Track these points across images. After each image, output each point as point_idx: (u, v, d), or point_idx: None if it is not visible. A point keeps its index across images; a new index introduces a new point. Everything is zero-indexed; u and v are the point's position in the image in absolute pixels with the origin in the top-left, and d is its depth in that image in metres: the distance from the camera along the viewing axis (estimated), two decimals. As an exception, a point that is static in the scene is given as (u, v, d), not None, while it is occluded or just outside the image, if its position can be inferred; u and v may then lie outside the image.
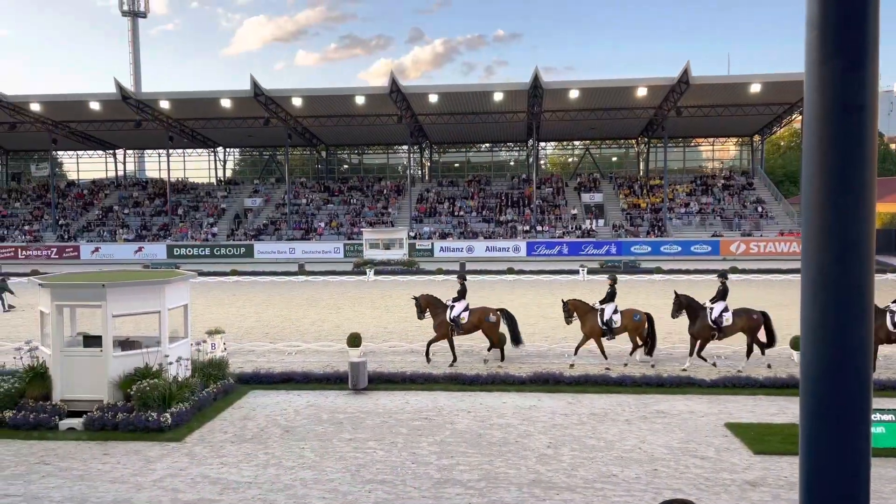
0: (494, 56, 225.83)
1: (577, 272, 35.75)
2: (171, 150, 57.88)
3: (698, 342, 15.27)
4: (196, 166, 68.89)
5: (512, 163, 69.88)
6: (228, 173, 69.07)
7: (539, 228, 52.17)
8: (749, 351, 15.24)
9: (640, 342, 15.77)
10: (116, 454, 10.12)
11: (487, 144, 67.83)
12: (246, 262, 47.82)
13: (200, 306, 24.22)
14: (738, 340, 15.65)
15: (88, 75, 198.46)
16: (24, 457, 10.05)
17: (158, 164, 68.18)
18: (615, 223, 52.51)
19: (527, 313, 23.58)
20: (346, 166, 70.42)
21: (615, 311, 15.70)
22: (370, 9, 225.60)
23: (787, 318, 22.03)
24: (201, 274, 35.67)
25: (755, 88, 46.19)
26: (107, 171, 68.45)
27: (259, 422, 11.64)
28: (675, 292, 16.08)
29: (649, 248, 48.39)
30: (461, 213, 55.64)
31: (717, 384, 13.31)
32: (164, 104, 50.70)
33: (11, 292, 26.61)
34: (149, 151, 69.90)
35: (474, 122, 54.25)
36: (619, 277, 34.42)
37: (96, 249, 52.07)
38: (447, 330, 15.87)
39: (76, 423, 11.20)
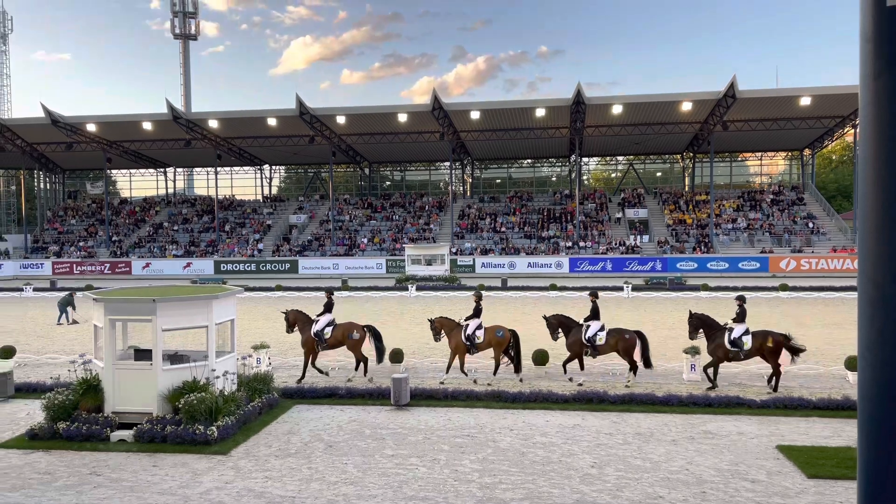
0: (537, 72, 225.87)
1: (621, 289, 35.27)
2: (218, 168, 59.33)
3: (574, 358, 15.65)
4: (243, 184, 70.43)
5: (554, 178, 69.58)
6: (274, 190, 70.38)
7: (582, 244, 51.72)
8: (631, 368, 15.32)
9: (505, 358, 15.70)
10: (165, 466, 10.32)
11: (529, 160, 67.71)
12: (290, 278, 48.56)
13: (246, 321, 24.65)
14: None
15: (141, 96, 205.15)
16: (76, 468, 10.31)
17: (207, 182, 69.95)
18: (660, 239, 51.73)
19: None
20: (388, 183, 71.09)
21: (479, 327, 15.69)
22: (414, 28, 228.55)
23: (842, 337, 21.34)
24: (247, 289, 36.34)
25: (805, 101, 45.17)
26: (157, 188, 70.49)
27: (303, 436, 11.74)
28: (544, 316, 16.32)
29: (695, 265, 47.51)
30: (503, 228, 55.55)
31: (767, 405, 12.93)
32: (213, 123, 52.05)
33: (74, 308, 27.46)
34: (198, 169, 71.76)
35: (516, 137, 54.27)
36: (665, 294, 34.01)
37: (147, 265, 53.51)
38: (312, 346, 15.85)
39: (127, 434, 11.46)
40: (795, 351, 14.59)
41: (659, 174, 68.53)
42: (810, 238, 50.00)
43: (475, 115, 49.40)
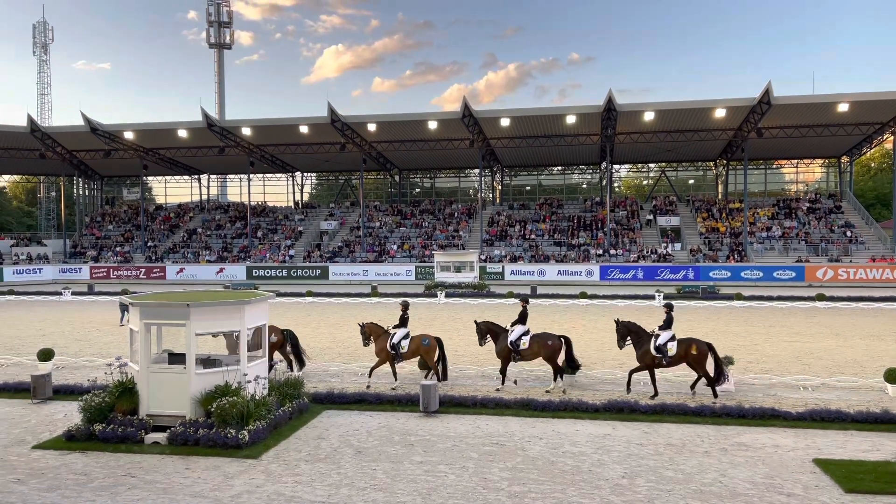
0: (568, 79, 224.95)
1: (652, 297, 34.86)
2: (251, 175, 60.14)
3: (505, 363, 15.83)
4: (275, 190, 71.31)
5: (584, 185, 69.16)
6: (305, 197, 71.11)
7: (613, 252, 51.27)
8: (555, 374, 15.66)
9: (434, 367, 15.94)
10: (197, 469, 10.45)
11: (559, 167, 67.41)
12: (321, 284, 48.96)
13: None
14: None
15: (177, 105, 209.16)
16: (111, 469, 10.50)
17: (240, 189, 70.92)
18: (693, 247, 51.05)
19: (599, 339, 23.15)
20: (418, 190, 71.35)
21: (405, 336, 15.93)
22: (445, 36, 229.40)
23: (881, 349, 20.81)
24: (279, 294, 36.74)
25: (843, 108, 44.28)
26: (192, 195, 71.69)
27: (332, 442, 11.80)
28: (475, 321, 16.58)
29: (729, 274, 46.79)
30: (532, 236, 55.35)
31: (803, 417, 12.65)
32: (246, 131, 52.81)
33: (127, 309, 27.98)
34: (231, 176, 72.85)
35: (546, 144, 54.10)
36: (698, 303, 33.52)
37: (181, 270, 54.40)
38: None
39: (160, 437, 11.64)
40: (719, 362, 14.66)
41: (691, 181, 67.70)
42: (848, 247, 48.91)
43: (505, 122, 49.38)
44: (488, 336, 16.18)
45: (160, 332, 13.83)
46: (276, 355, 17.14)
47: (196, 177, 70.13)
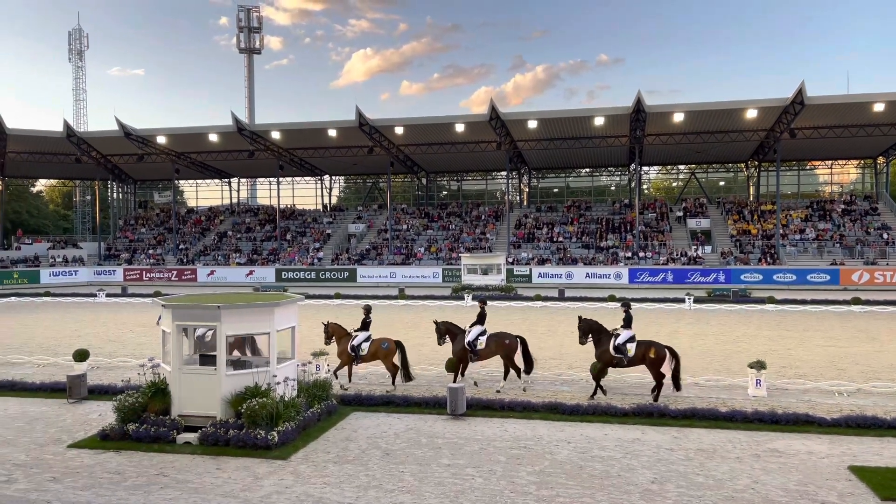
0: (597, 81, 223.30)
1: (682, 300, 34.45)
2: (280, 179, 60.77)
3: (461, 363, 16.07)
4: (304, 193, 72.10)
5: (613, 187, 68.63)
6: (334, 200, 71.63)
7: (642, 255, 50.78)
8: (505, 373, 16.04)
9: (394, 369, 16.17)
10: (228, 469, 10.58)
11: (587, 169, 66.97)
12: (349, 286, 49.27)
13: (306, 328, 25.05)
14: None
15: (208, 109, 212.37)
16: (144, 468, 10.69)
17: (269, 192, 71.69)
18: (723, 250, 50.34)
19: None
20: (445, 192, 71.44)
21: (366, 339, 16.17)
22: (473, 39, 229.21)
23: (919, 353, 20.29)
24: (307, 297, 37.03)
25: (879, 108, 43.33)
26: (222, 198, 72.68)
27: (360, 443, 11.86)
28: (434, 321, 16.79)
29: (761, 277, 46.04)
30: (560, 238, 55.06)
31: (838, 423, 12.40)
32: (276, 135, 53.39)
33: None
34: (260, 179, 73.68)
35: (574, 146, 53.80)
36: (729, 307, 33.05)
37: (211, 272, 55.14)
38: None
39: (192, 437, 11.81)
40: (678, 369, 14.60)
41: (722, 183, 66.78)
42: (885, 250, 47.80)
43: (532, 124, 49.24)
44: (447, 336, 16.40)
45: (191, 333, 14.03)
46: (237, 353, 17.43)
47: (226, 180, 71.06)
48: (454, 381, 15.76)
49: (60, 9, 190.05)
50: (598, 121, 48.11)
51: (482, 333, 15.96)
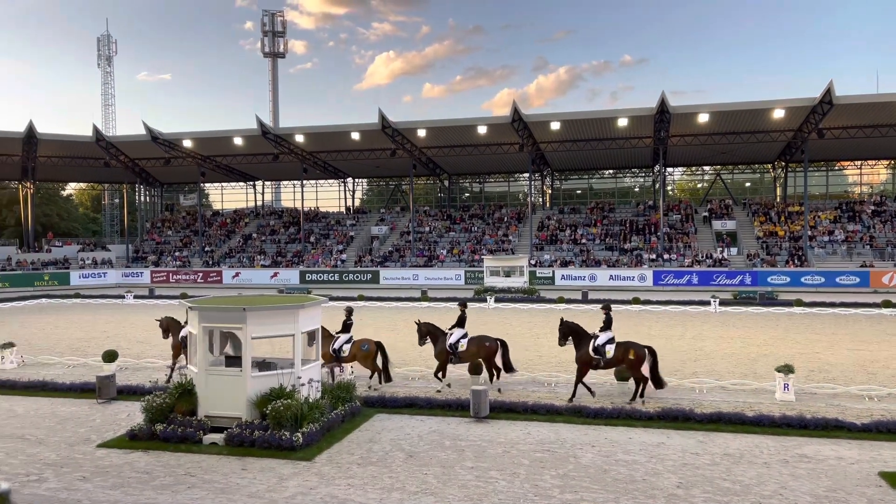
0: (620, 82, 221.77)
1: (707, 303, 34.07)
2: (304, 181, 61.21)
3: (444, 365, 16.31)
4: (327, 196, 72.41)
5: (637, 189, 68.13)
6: (357, 202, 71.98)
7: (666, 257, 50.32)
8: (490, 376, 16.30)
9: (373, 370, 16.58)
10: (253, 470, 10.69)
11: (611, 170, 66.56)
12: (372, 288, 49.48)
13: (329, 330, 25.19)
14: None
15: (233, 113, 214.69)
16: (172, 468, 10.83)
17: (293, 195, 72.29)
18: (750, 252, 49.70)
19: (654, 345, 22.70)
20: (467, 194, 71.45)
21: (347, 341, 16.55)
22: (496, 40, 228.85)
23: (953, 358, 19.85)
24: (331, 299, 37.24)
25: (909, 106, 42.50)
26: (247, 201, 73.40)
27: (384, 445, 11.91)
28: (416, 321, 17.13)
29: (788, 279, 45.39)
30: (583, 240, 54.77)
31: (869, 429, 12.18)
32: (299, 138, 53.82)
33: None
34: (285, 182, 74.29)
35: (597, 148, 53.52)
36: (755, 309, 32.62)
37: (237, 274, 55.70)
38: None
39: (218, 438, 11.95)
40: (657, 368, 14.69)
41: (748, 184, 65.96)
42: (916, 251, 46.84)
43: (555, 125, 49.06)
44: (428, 337, 16.67)
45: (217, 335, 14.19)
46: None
47: (251, 183, 71.76)
48: (440, 379, 16.40)
49: (90, 16, 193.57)
50: (622, 122, 47.80)
51: (464, 336, 16.27)
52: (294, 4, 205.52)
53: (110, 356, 18.77)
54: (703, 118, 46.21)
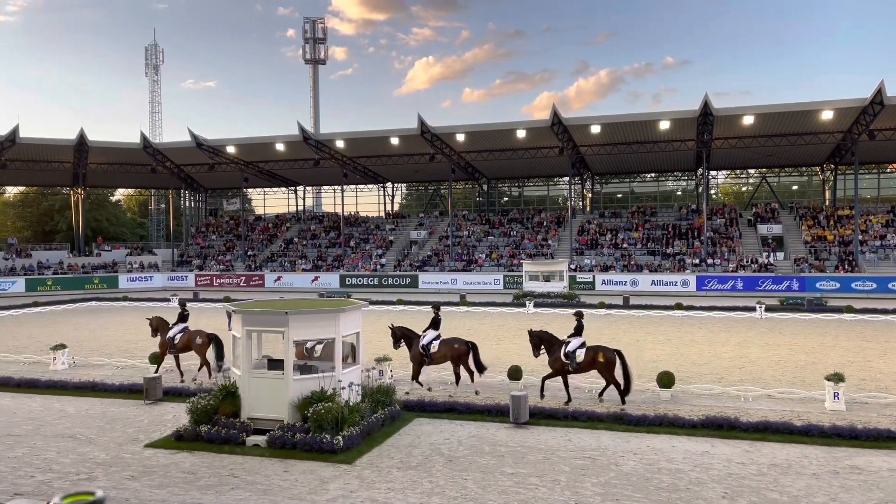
0: (662, 84, 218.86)
1: (753, 309, 33.31)
2: (344, 186, 61.83)
3: (419, 368, 16.66)
4: (367, 201, 73.39)
5: (679, 192, 67.04)
6: (396, 207, 72.40)
7: (710, 262, 49.38)
8: (457, 378, 16.70)
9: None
10: (295, 472, 10.82)
11: (652, 174, 65.66)
12: (411, 292, 49.65)
13: (369, 334, 25.41)
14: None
15: (276, 119, 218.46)
16: (216, 469, 11.03)
17: (333, 199, 73.32)
18: (797, 256, 48.46)
19: (697, 351, 22.34)
20: (506, 199, 71.24)
21: (319, 342, 16.30)
22: (536, 44, 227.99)
23: None
24: (370, 302, 37.51)
25: (967, 106, 40.96)
26: (288, 206, 74.46)
27: (423, 450, 11.93)
28: (390, 325, 17.46)
29: (838, 285, 44.09)
30: (624, 245, 54.10)
31: (925, 441, 11.74)
32: (340, 143, 54.39)
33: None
34: (325, 187, 75.15)
35: (639, 151, 52.84)
36: (803, 316, 31.77)
37: (278, 278, 56.50)
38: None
39: (260, 440, 12.13)
40: (628, 371, 14.88)
41: (795, 187, 64.33)
42: (974, 256, 45.07)
43: (595, 129, 48.61)
44: (402, 341, 17.04)
45: (260, 338, 14.42)
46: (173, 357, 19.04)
47: (293, 188, 72.78)
48: (419, 383, 16.70)
49: (138, 26, 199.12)
50: (664, 125, 47.13)
51: (437, 338, 16.67)
52: (335, 11, 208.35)
53: (157, 358, 19.21)
54: (747, 120, 45.27)
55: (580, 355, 15.14)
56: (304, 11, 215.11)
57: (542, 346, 15.81)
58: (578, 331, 15.67)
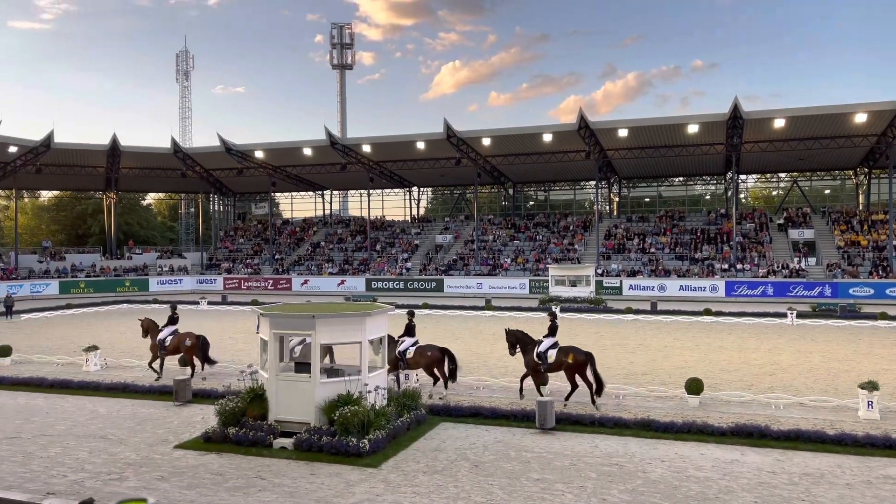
0: (690, 87, 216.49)
1: (784, 315, 32.77)
2: (371, 190, 62.15)
3: (393, 370, 16.64)
4: (393, 205, 73.63)
5: (708, 197, 66.24)
6: (422, 211, 72.58)
7: (739, 267, 48.68)
8: (434, 382, 16.82)
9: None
10: (321, 475, 10.88)
11: (681, 178, 64.96)
12: (436, 296, 49.68)
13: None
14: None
15: (303, 124, 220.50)
16: (243, 470, 11.14)
17: (360, 203, 73.48)
18: (829, 262, 47.56)
19: (726, 357, 22.03)
20: (532, 203, 71.01)
21: (300, 343, 16.66)
22: (562, 47, 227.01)
23: None
24: (396, 307, 37.63)
25: None
26: (315, 210, 75.08)
27: (449, 454, 11.92)
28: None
29: (872, 291, 43.19)
30: (652, 249, 53.58)
31: (963, 452, 11.44)
32: (366, 148, 54.72)
33: None
34: (352, 192, 75.67)
35: (667, 155, 52.33)
36: (836, 323, 31.16)
37: (305, 282, 56.94)
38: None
39: (287, 442, 12.22)
40: (597, 373, 15.03)
41: (827, 192, 63.18)
42: None
43: (623, 132, 48.25)
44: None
45: (287, 341, 14.53)
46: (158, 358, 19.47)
47: (320, 192, 73.37)
48: (398, 386, 16.73)
49: (170, 33, 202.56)
50: (692, 128, 46.62)
51: (413, 344, 17.01)
52: (363, 17, 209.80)
53: (185, 361, 19.48)
54: (778, 123, 44.60)
55: (552, 356, 15.47)
56: (331, 17, 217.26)
57: (518, 346, 16.06)
58: (552, 331, 15.96)
